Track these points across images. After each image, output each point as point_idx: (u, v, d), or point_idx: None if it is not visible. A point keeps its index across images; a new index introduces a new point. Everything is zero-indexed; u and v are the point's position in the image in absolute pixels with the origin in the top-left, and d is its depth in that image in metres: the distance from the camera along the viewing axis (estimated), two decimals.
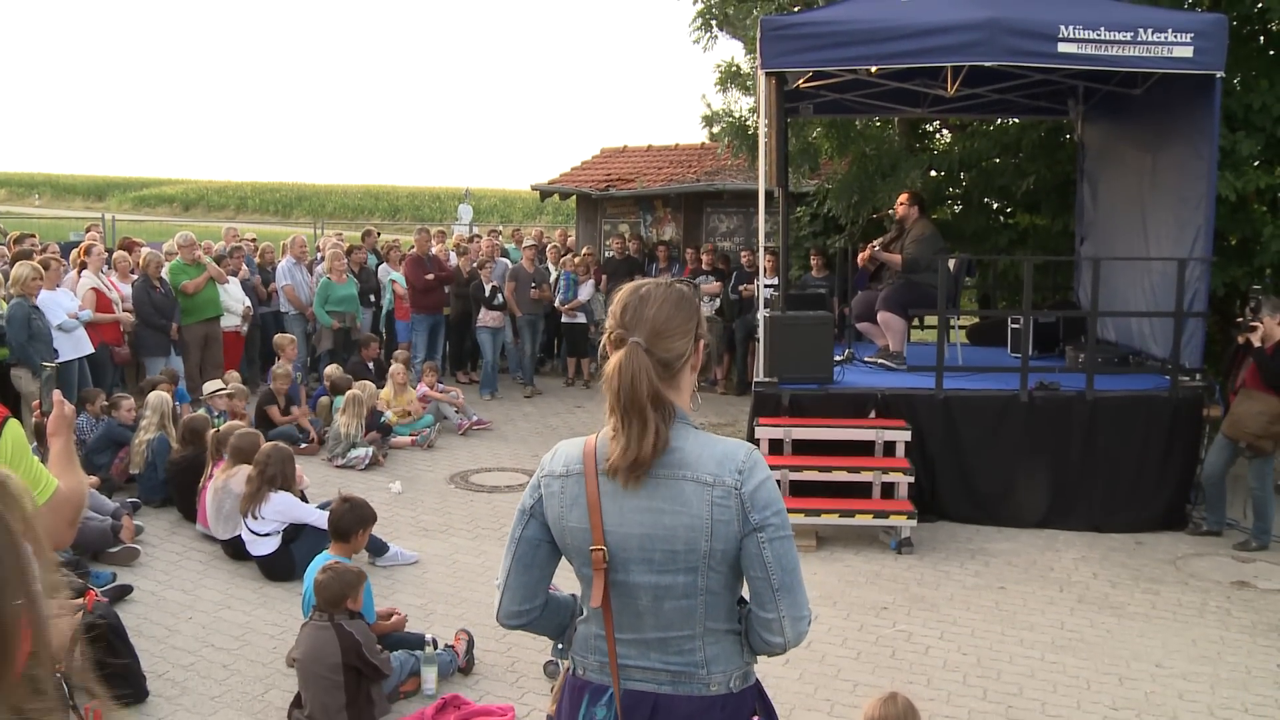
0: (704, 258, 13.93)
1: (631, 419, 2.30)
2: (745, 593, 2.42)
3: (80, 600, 5.55)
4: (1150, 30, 7.59)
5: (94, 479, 7.87)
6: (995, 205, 13.77)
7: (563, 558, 2.50)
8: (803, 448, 8.01)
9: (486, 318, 12.94)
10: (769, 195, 8.97)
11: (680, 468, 2.29)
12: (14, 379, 8.85)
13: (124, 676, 5.19)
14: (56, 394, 3.22)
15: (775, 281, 9.62)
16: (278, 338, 11.58)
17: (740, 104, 14.04)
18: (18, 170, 59.02)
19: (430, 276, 12.90)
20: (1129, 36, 7.60)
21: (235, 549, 7.20)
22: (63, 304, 9.66)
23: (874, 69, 9.37)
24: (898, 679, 5.44)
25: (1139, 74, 8.78)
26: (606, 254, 15.08)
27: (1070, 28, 7.60)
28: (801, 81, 10.02)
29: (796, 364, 8.34)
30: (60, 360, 9.24)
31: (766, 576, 2.28)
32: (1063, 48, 7.65)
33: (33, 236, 12.80)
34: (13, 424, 2.78)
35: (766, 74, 8.36)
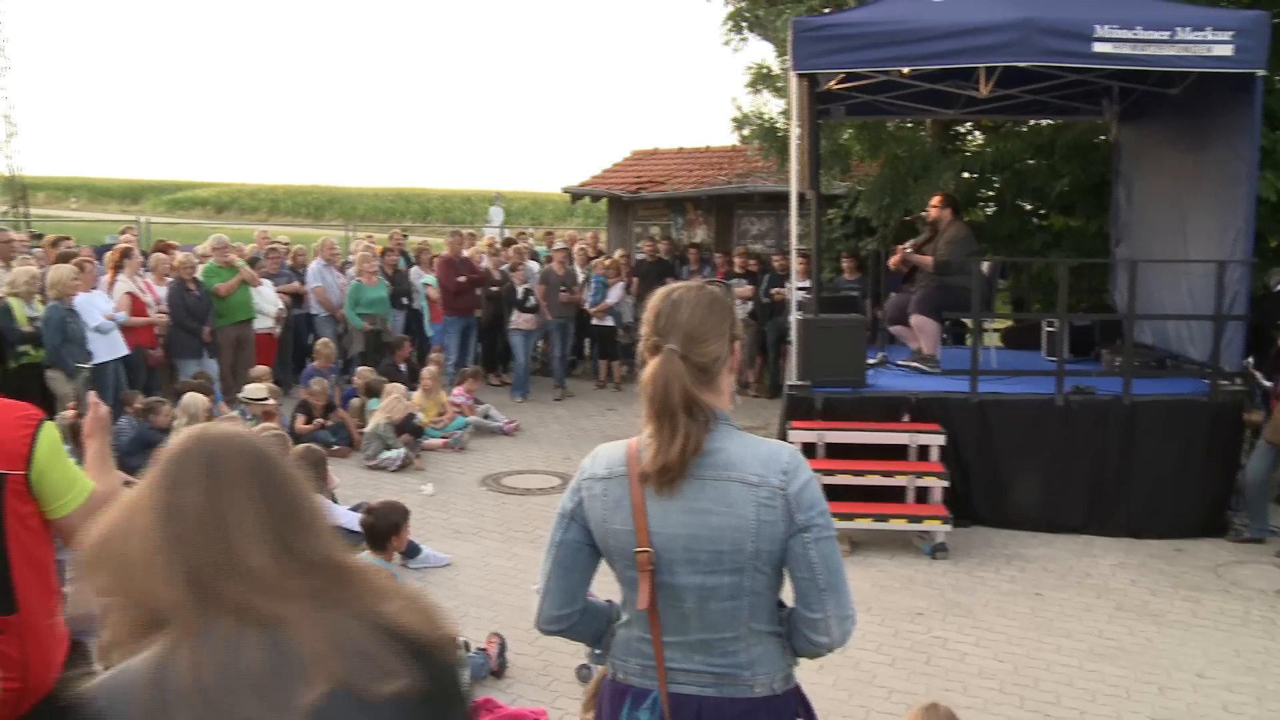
0: (736, 260, 13.88)
1: (664, 425, 2.30)
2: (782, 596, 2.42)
3: None
4: (1188, 29, 7.49)
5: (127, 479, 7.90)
6: (1029, 207, 13.67)
7: (600, 562, 2.50)
8: (836, 451, 7.96)
9: (519, 320, 12.95)
10: (800, 197, 8.92)
11: (725, 469, 2.29)
12: (49, 381, 8.90)
13: None
14: (92, 396, 3.24)
15: (807, 284, 9.57)
16: (317, 345, 11.62)
17: (771, 106, 14.02)
18: (55, 174, 59.47)
19: (462, 279, 12.92)
20: (1166, 35, 7.51)
21: None
22: (98, 306, 9.73)
23: (906, 70, 9.31)
24: (933, 686, 5.39)
25: (1176, 73, 8.67)
26: (637, 256, 15.05)
27: (1105, 27, 7.51)
28: (833, 83, 9.97)
29: (829, 367, 8.29)
30: (96, 362, 9.31)
31: (813, 577, 2.29)
32: (1098, 47, 7.57)
33: (69, 239, 12.90)
34: (48, 426, 2.80)
35: (798, 76, 8.32)
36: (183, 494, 1.43)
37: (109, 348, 9.68)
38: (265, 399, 9.71)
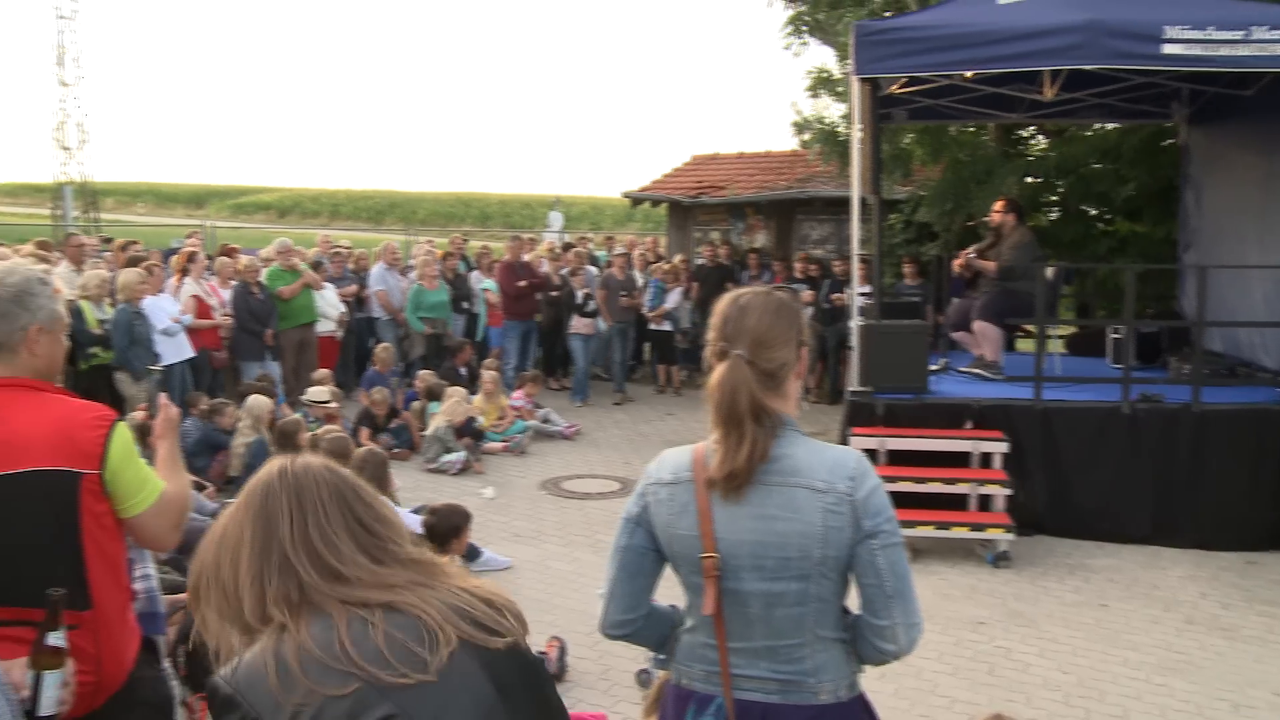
0: (796, 265, 13.83)
1: (730, 431, 2.30)
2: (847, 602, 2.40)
3: (184, 597, 5.67)
4: (1264, 28, 7.29)
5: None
6: (1094, 212, 13.47)
7: (665, 567, 2.49)
8: (897, 458, 7.90)
9: (578, 324, 12.98)
10: (862, 202, 8.86)
11: (792, 475, 2.29)
12: (117, 382, 9.06)
13: None
14: (163, 397, 3.29)
15: (868, 289, 9.51)
16: (377, 349, 11.73)
17: (831, 110, 13.95)
18: (122, 180, 60.71)
19: (522, 283, 12.98)
20: (1240, 35, 7.34)
21: None
22: (165, 309, 9.89)
23: (969, 74, 9.22)
24: (996, 696, 5.33)
25: (1250, 74, 8.49)
26: (697, 262, 15.04)
27: (1176, 28, 7.36)
28: (895, 87, 9.90)
29: (891, 373, 8.23)
30: (163, 364, 9.47)
31: (880, 583, 2.28)
32: (1167, 49, 7.42)
33: (136, 243, 13.14)
34: (121, 426, 2.84)
35: (860, 80, 8.27)
36: (277, 527, 1.60)
37: (175, 350, 9.84)
38: (328, 402, 9.82)
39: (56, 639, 2.44)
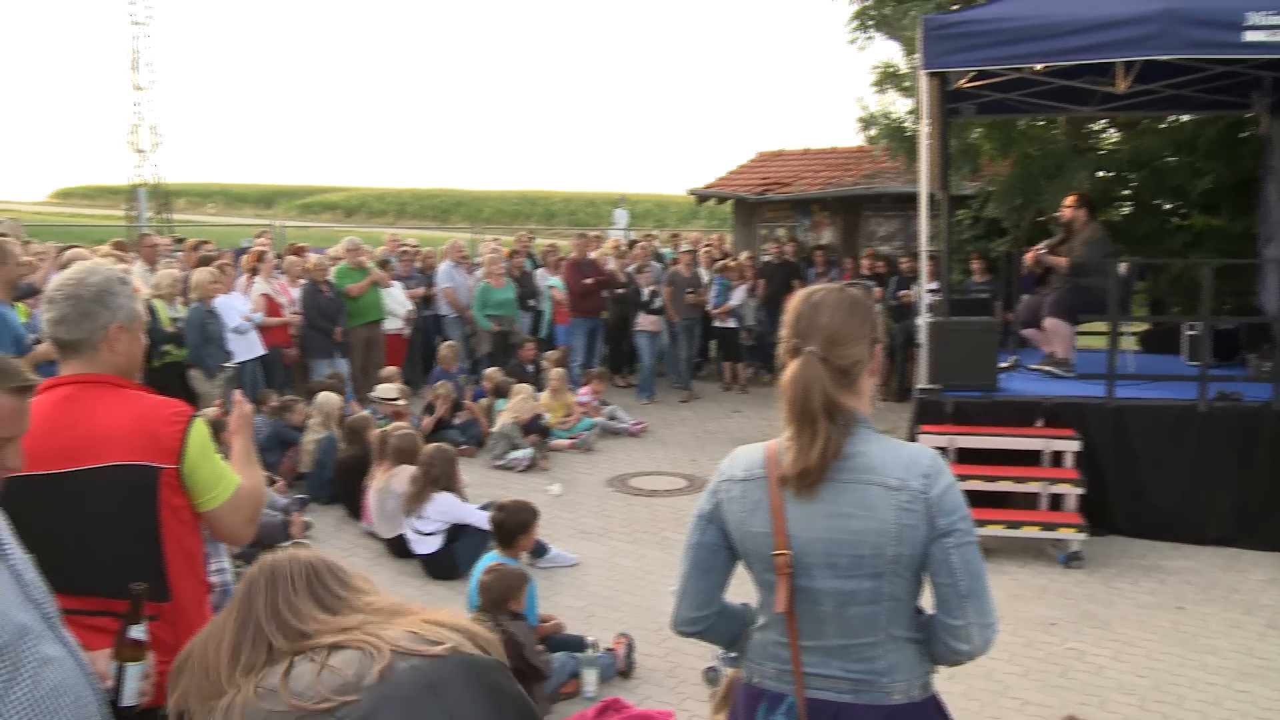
0: (863, 262, 13.72)
1: (804, 428, 2.29)
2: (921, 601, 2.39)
3: None
4: None
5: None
6: (1168, 206, 13.22)
7: (737, 564, 2.49)
8: (966, 456, 7.80)
9: (644, 322, 12.98)
10: (930, 198, 8.76)
11: (865, 472, 2.28)
12: (190, 380, 9.22)
13: None
14: (237, 394, 3.34)
15: (937, 286, 9.41)
16: (441, 348, 11.83)
17: (898, 105, 13.82)
18: (193, 180, 61.84)
19: (589, 281, 13.01)
20: None
21: (398, 547, 7.37)
22: (237, 308, 10.05)
23: (1039, 67, 9.07)
24: (1069, 699, 5.25)
25: None
26: (763, 259, 14.98)
27: (1259, 14, 7.12)
28: (963, 81, 9.77)
29: (960, 370, 8.13)
30: (235, 362, 9.62)
31: (954, 582, 2.26)
32: (1250, 36, 7.20)
33: (208, 243, 13.35)
34: (198, 422, 2.89)
35: (928, 74, 8.18)
36: (254, 604, 1.86)
37: (246, 347, 9.99)
38: (396, 399, 9.92)
39: (139, 632, 2.48)
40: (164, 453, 2.78)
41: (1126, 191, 13.58)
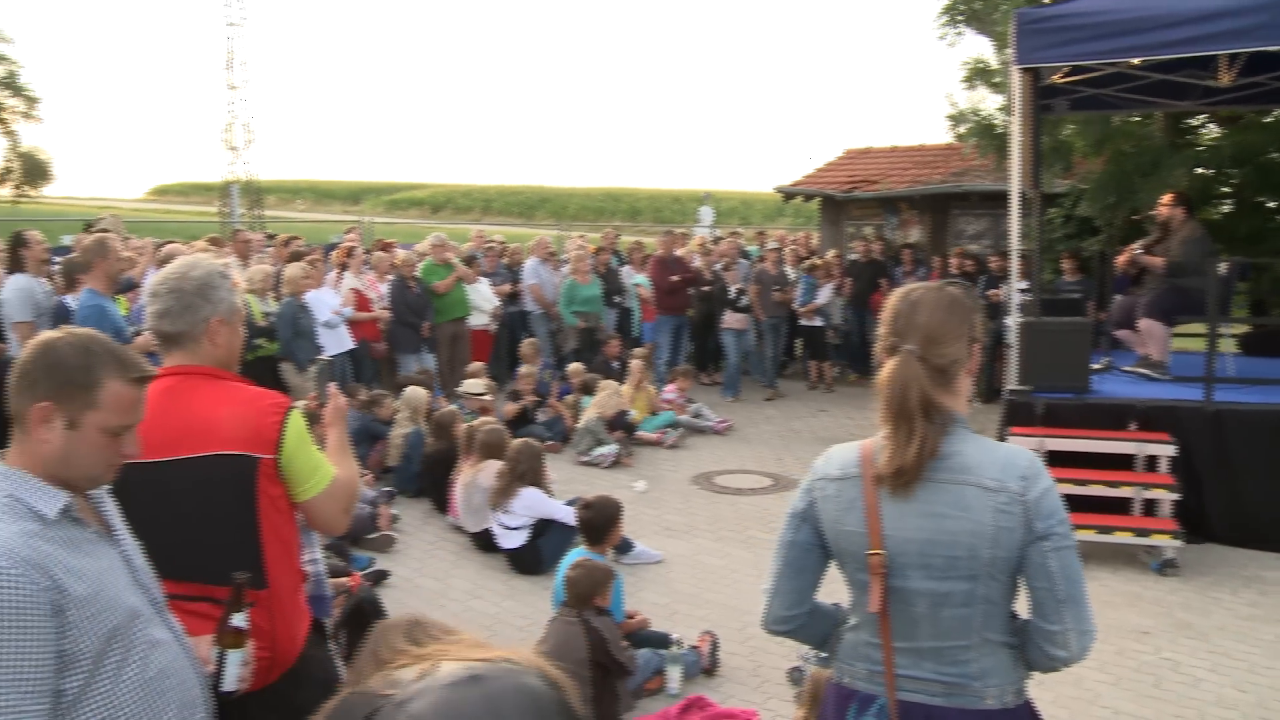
0: (951, 261, 13.54)
1: (900, 427, 2.28)
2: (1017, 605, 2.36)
3: (347, 581, 5.86)
4: None
5: None
6: (1272, 204, 12.84)
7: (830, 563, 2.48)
8: (1057, 459, 7.65)
9: (731, 320, 12.96)
10: (1021, 196, 8.61)
11: (962, 472, 2.26)
12: (282, 373, 9.38)
13: None
14: (332, 387, 3.40)
15: (1027, 286, 9.25)
16: (523, 344, 11.91)
17: (988, 102, 13.62)
18: (283, 178, 62.96)
19: (675, 278, 13.01)
20: None
21: (484, 541, 7.44)
22: (327, 302, 10.21)
23: (1137, 61, 8.86)
24: (1164, 711, 5.13)
25: None
26: (850, 257, 14.86)
27: None
28: (1057, 76, 9.59)
29: (1051, 372, 7.99)
30: (325, 356, 9.78)
31: (1051, 587, 2.23)
32: None
33: (299, 238, 13.59)
34: (295, 414, 2.95)
35: (1020, 70, 8.04)
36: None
37: (336, 342, 10.15)
38: (482, 394, 10.01)
39: (240, 620, 2.55)
40: (262, 443, 2.84)
41: (1227, 189, 13.21)
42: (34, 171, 73.36)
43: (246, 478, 2.82)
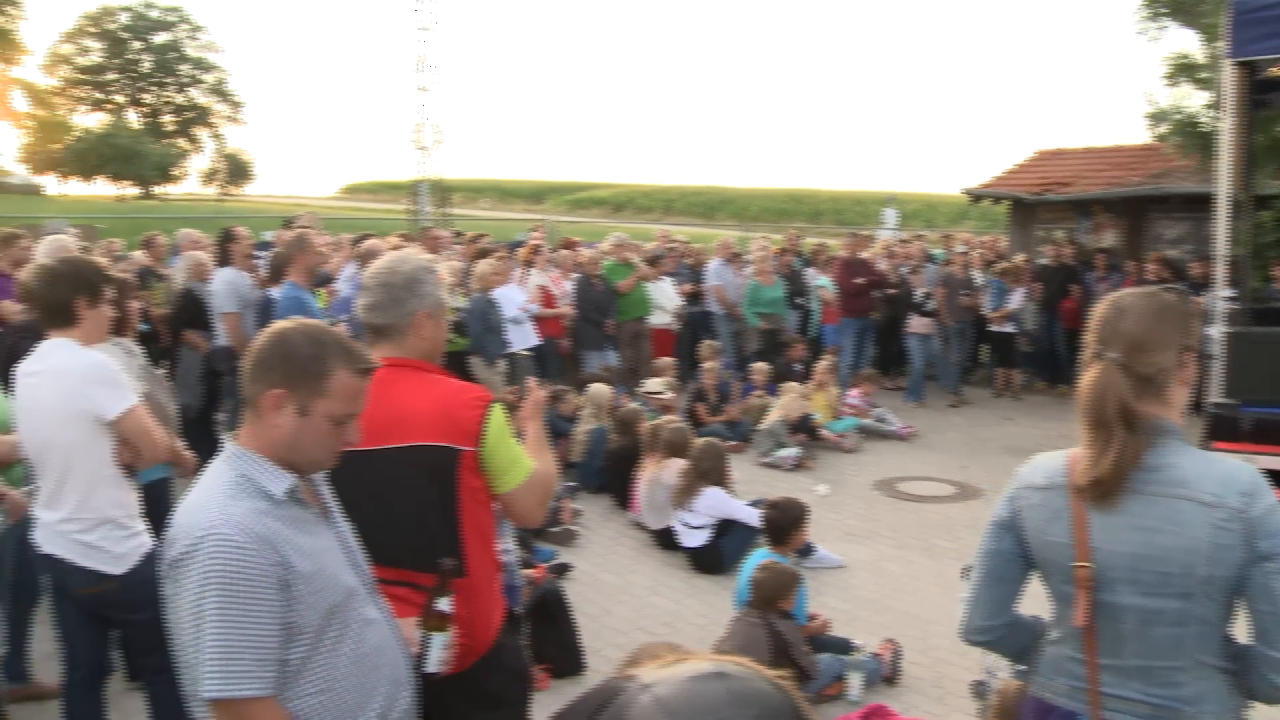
0: (1148, 267, 12.99)
1: (1097, 436, 2.21)
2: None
3: (532, 573, 6.01)
4: None
5: None
6: None
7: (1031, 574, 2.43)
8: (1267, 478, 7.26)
9: (916, 324, 12.73)
10: (1230, 198, 8.20)
11: (1176, 486, 2.17)
12: (472, 367, 9.64)
13: (566, 648, 5.55)
14: (531, 381, 3.48)
15: (1234, 293, 8.81)
16: (701, 347, 11.93)
17: (1192, 99, 13.02)
18: (468, 177, 64.61)
19: (860, 280, 12.85)
20: None
21: (665, 539, 7.51)
22: (514, 299, 10.44)
23: None
24: None
25: None
26: (1040, 261, 14.40)
27: None
28: (1275, 69, 9.09)
29: (1261, 385, 7.56)
30: (511, 351, 10.00)
31: (1275, 611, 2.12)
32: None
33: (486, 236, 13.95)
34: (497, 408, 3.03)
35: (1234, 64, 7.65)
36: None
37: (522, 338, 10.35)
38: (664, 394, 10.09)
39: (445, 605, 2.65)
40: (464, 435, 2.92)
41: None
42: (237, 171, 77.75)
43: (448, 469, 2.91)
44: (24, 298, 4.70)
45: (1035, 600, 2.49)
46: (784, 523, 5.83)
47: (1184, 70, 12.86)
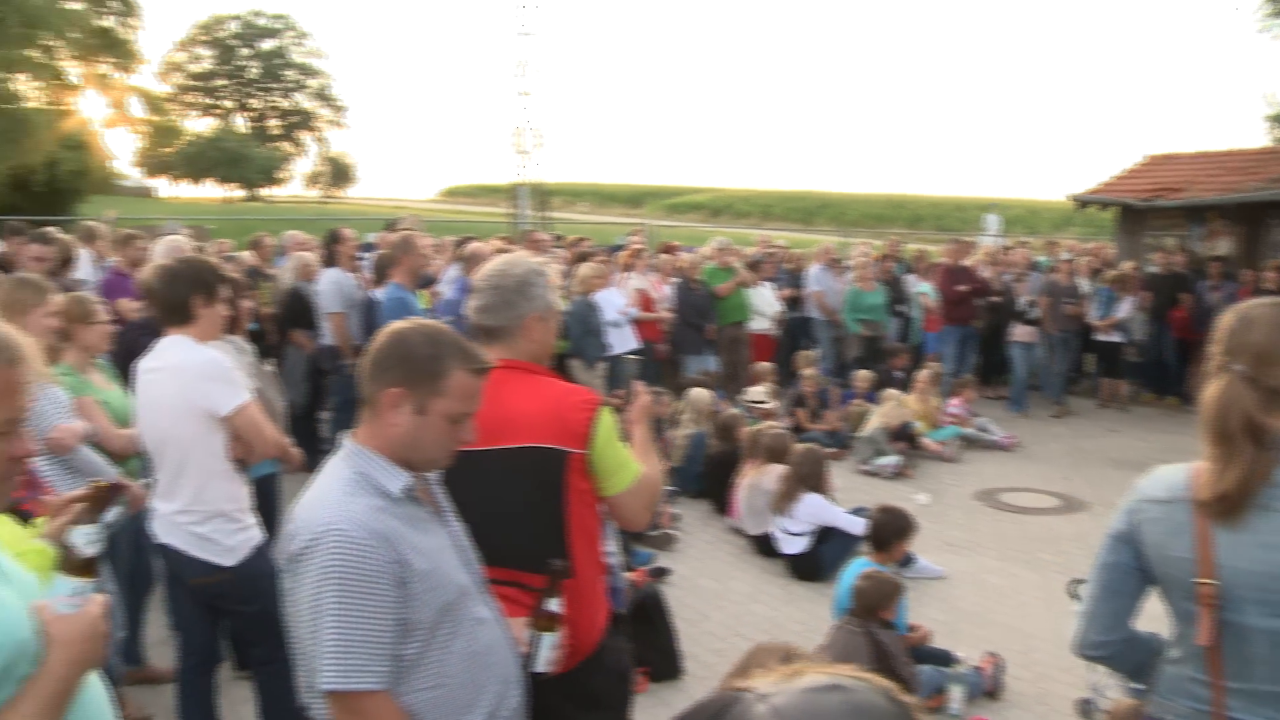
0: (1267, 275, 12.58)
1: (1221, 451, 2.15)
2: None
3: (631, 576, 6.03)
4: None
5: None
6: None
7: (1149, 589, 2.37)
8: None
9: (1020, 332, 12.50)
10: None
11: None
12: (570, 370, 9.71)
13: (664, 652, 5.55)
14: (638, 384, 3.49)
15: None
16: (798, 357, 11.85)
17: None
18: (567, 180, 65.05)
19: (962, 287, 12.66)
20: None
21: (763, 545, 7.48)
22: (614, 302, 10.48)
23: None
24: None
25: None
26: (1149, 269, 14.04)
27: None
28: None
29: None
30: (616, 354, 10.04)
31: None
32: None
33: (586, 240, 14.04)
34: (605, 411, 3.04)
35: None
36: None
37: (622, 341, 10.38)
38: (764, 402, 10.05)
39: (555, 605, 2.67)
40: (573, 438, 2.95)
41: None
42: (340, 174, 79.26)
43: (556, 471, 2.94)
44: (143, 296, 4.86)
45: (1154, 620, 2.44)
46: (890, 530, 5.77)
47: None
